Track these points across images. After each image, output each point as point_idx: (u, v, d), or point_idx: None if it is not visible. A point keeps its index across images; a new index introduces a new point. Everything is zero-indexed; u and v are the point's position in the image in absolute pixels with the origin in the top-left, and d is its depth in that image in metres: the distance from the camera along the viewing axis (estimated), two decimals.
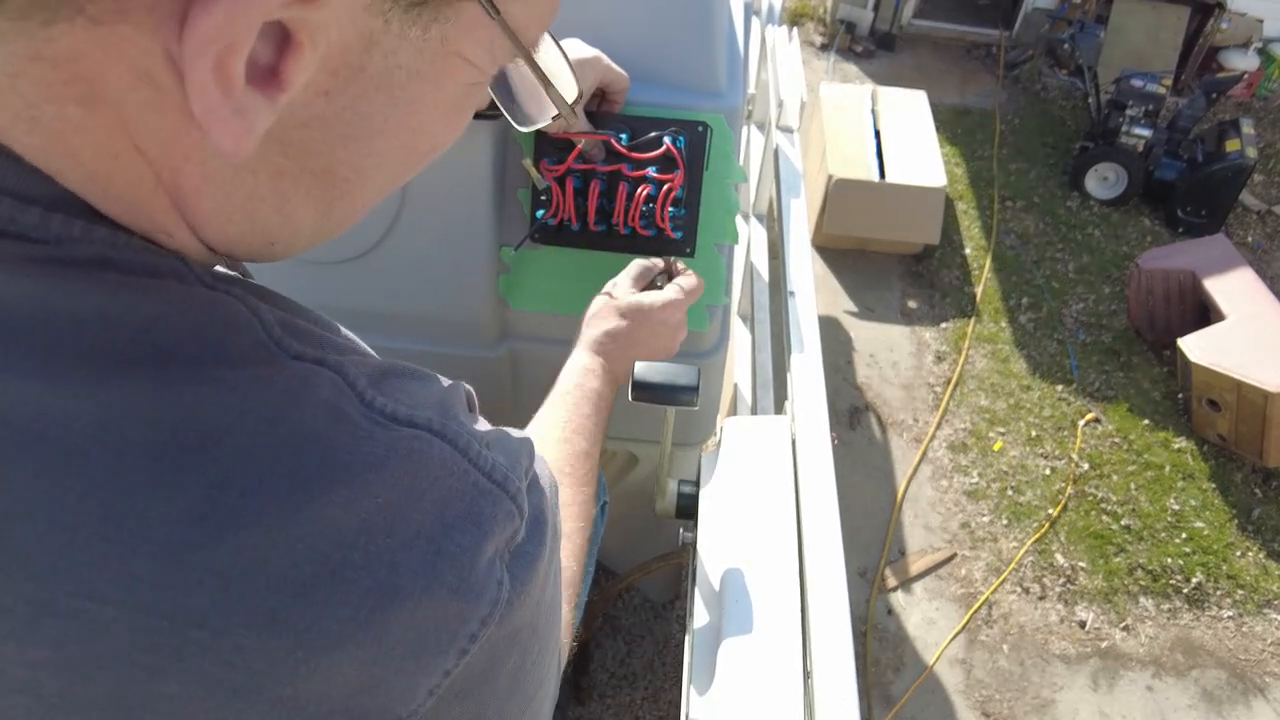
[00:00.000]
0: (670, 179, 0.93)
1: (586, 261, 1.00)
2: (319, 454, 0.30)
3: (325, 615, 0.29)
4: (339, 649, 0.30)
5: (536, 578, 0.36)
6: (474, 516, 0.33)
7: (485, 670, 0.35)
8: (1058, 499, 2.19)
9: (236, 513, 0.28)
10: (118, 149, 0.28)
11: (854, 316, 2.66)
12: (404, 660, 0.31)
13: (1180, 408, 2.41)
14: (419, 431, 0.33)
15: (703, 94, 0.98)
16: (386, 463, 0.31)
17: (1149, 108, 2.97)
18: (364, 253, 1.04)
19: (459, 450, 0.34)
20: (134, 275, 0.30)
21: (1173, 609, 2.00)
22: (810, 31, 4.04)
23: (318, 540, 0.29)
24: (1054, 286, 2.80)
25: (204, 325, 0.31)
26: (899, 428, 2.34)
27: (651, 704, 1.60)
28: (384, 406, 0.33)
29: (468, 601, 0.32)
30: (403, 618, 0.31)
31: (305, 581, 0.29)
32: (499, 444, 0.36)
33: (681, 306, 0.84)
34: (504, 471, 0.35)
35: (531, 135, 0.95)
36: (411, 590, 0.31)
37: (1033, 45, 3.81)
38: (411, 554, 0.31)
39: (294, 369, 0.32)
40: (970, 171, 3.26)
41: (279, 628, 0.29)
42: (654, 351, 0.84)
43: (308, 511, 0.29)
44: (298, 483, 0.29)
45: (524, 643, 0.37)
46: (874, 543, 2.05)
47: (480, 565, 0.33)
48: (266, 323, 0.32)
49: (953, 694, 1.81)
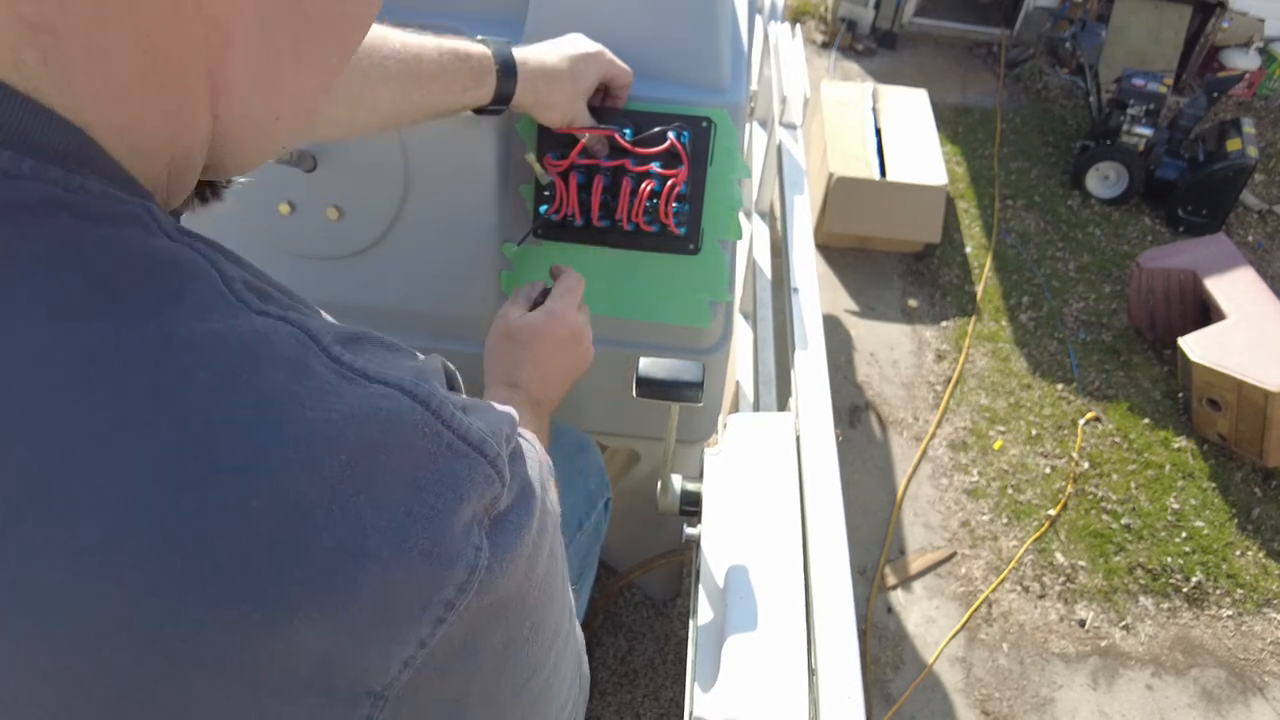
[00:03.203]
0: (674, 174, 0.93)
1: (590, 257, 1.00)
2: (279, 409, 0.29)
3: (286, 577, 0.28)
4: (301, 613, 0.28)
5: (523, 548, 0.34)
6: (448, 479, 0.32)
7: (467, 645, 0.33)
8: (1058, 498, 2.19)
9: (188, 473, 0.27)
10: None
11: (854, 315, 2.65)
12: (374, 628, 0.29)
13: (1180, 407, 2.41)
14: (389, 390, 0.31)
15: (706, 89, 0.98)
16: (352, 420, 0.30)
17: (1150, 107, 2.97)
18: (366, 248, 1.03)
19: (431, 411, 0.32)
20: (88, 221, 0.29)
21: (1172, 608, 2.00)
22: (812, 29, 4.03)
23: (276, 500, 0.28)
24: (1054, 285, 2.80)
25: (162, 276, 0.29)
26: (899, 426, 2.34)
27: (652, 701, 1.60)
28: (352, 363, 0.31)
29: (442, 566, 0.31)
30: (371, 582, 0.29)
31: (263, 542, 0.27)
32: (477, 411, 0.35)
33: (570, 305, 0.82)
34: (480, 435, 0.33)
35: (535, 131, 0.95)
36: (379, 553, 0.29)
37: (1034, 44, 3.80)
38: (379, 515, 0.29)
39: (255, 322, 0.30)
40: (971, 170, 3.26)
41: (236, 593, 0.27)
42: (567, 362, 0.82)
43: (266, 469, 0.28)
44: (256, 439, 0.28)
45: (512, 617, 0.35)
46: (874, 541, 2.05)
47: (455, 529, 0.31)
48: (228, 277, 0.31)
49: (952, 692, 1.81)
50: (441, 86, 0.79)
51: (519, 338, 0.80)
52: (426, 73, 0.77)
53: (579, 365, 0.85)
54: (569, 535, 0.98)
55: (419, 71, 0.77)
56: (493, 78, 0.82)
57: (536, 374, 0.80)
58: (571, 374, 0.84)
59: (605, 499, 1.08)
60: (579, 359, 0.84)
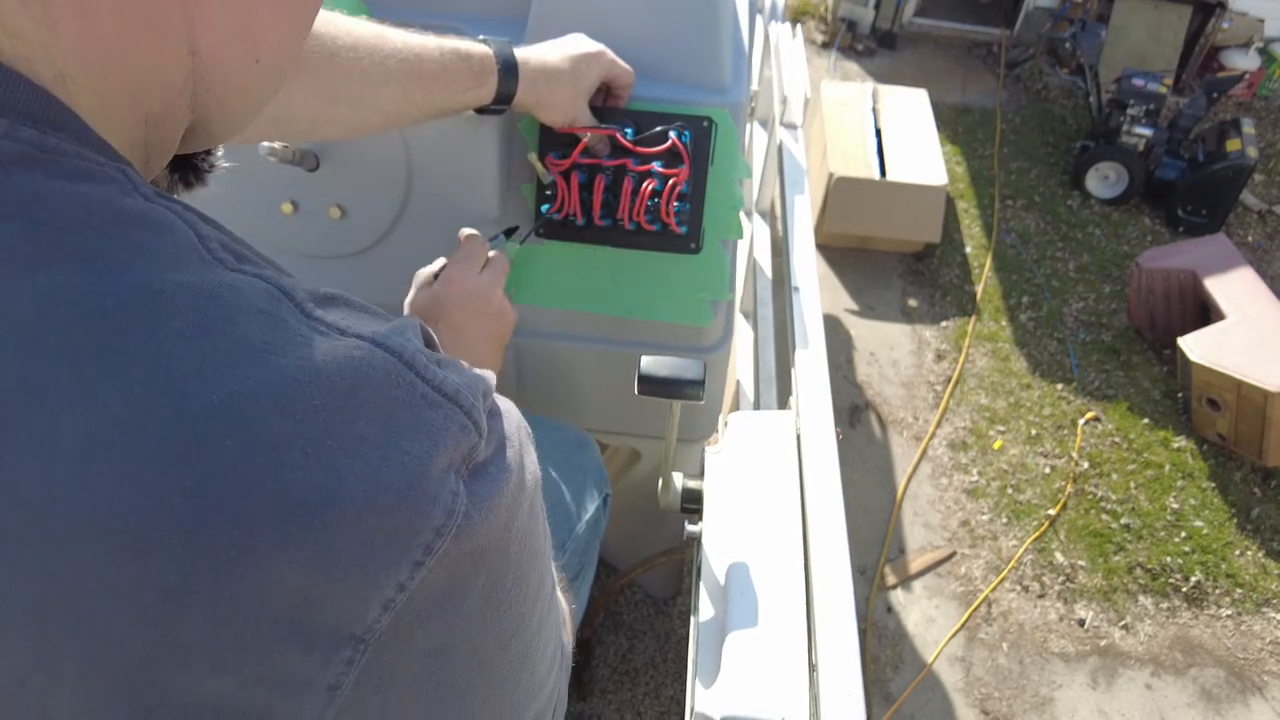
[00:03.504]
0: (675, 174, 0.93)
1: (591, 257, 1.00)
2: (252, 355, 0.29)
3: (261, 515, 0.28)
4: (277, 551, 0.28)
5: (501, 498, 0.35)
6: (423, 427, 0.32)
7: (448, 591, 0.33)
8: (1057, 498, 2.19)
9: (159, 411, 0.27)
10: None
11: (854, 314, 2.66)
12: (350, 569, 0.29)
13: (1180, 407, 2.41)
14: (362, 342, 0.32)
15: (707, 89, 0.98)
16: (325, 367, 0.30)
17: (1150, 107, 2.97)
18: (369, 247, 1.04)
19: (404, 362, 0.32)
20: (62, 178, 0.29)
21: (1171, 608, 2.01)
22: (812, 29, 4.04)
23: (249, 440, 0.28)
24: (1054, 285, 2.81)
25: (136, 232, 0.30)
26: (899, 426, 2.34)
27: (653, 699, 1.60)
28: (324, 318, 0.32)
29: (418, 510, 0.31)
30: (346, 523, 0.29)
31: (237, 480, 0.28)
32: (452, 366, 0.35)
33: (465, 270, 0.84)
34: (455, 386, 0.34)
35: (537, 130, 0.95)
36: (354, 494, 0.29)
37: (1034, 44, 3.81)
38: (353, 459, 0.29)
39: (229, 278, 0.31)
40: (971, 170, 3.26)
41: (210, 528, 0.27)
42: (482, 325, 0.83)
43: (238, 410, 0.28)
44: (229, 382, 0.28)
45: (493, 565, 0.35)
46: (874, 540, 2.06)
47: (431, 474, 0.31)
48: (204, 236, 0.32)
49: (952, 692, 1.82)
50: (442, 86, 0.80)
51: (425, 316, 0.81)
52: (427, 72, 0.78)
53: (498, 327, 0.85)
54: (568, 531, 0.99)
55: (420, 71, 0.77)
56: (494, 77, 0.82)
57: (456, 343, 0.81)
58: (494, 338, 0.85)
59: (604, 495, 1.08)
60: (495, 320, 0.84)
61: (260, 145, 0.88)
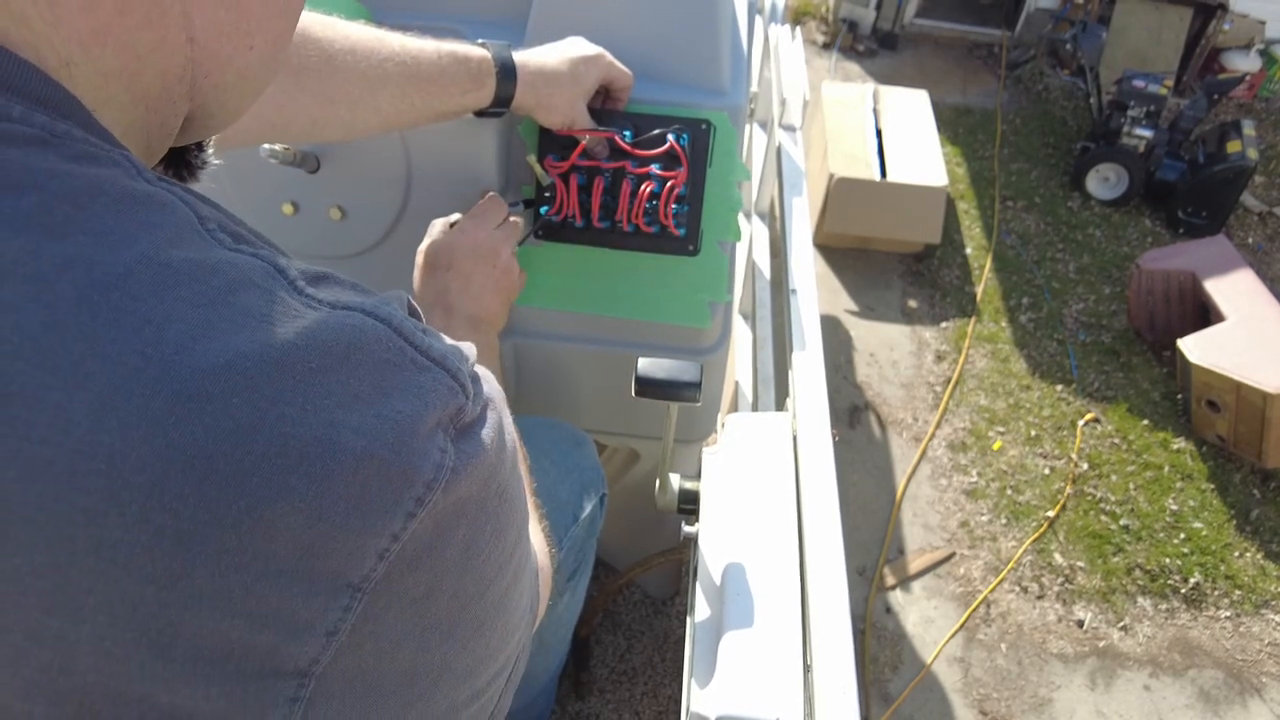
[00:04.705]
0: (674, 176, 0.94)
1: (590, 258, 1.01)
2: (252, 322, 0.31)
3: (265, 465, 0.30)
4: (282, 500, 0.30)
5: (485, 456, 0.37)
6: (414, 388, 0.34)
7: (433, 540, 0.35)
8: (1057, 499, 2.19)
9: (169, 369, 0.29)
10: None
11: (854, 315, 2.66)
12: (349, 519, 0.31)
13: (1180, 408, 2.41)
14: (353, 312, 0.34)
15: (706, 92, 0.99)
16: (321, 334, 0.32)
17: (1150, 108, 2.97)
18: (369, 248, 1.04)
19: (394, 330, 0.35)
20: (73, 160, 0.31)
21: (1170, 609, 2.01)
22: (812, 30, 4.04)
23: (253, 396, 0.30)
24: (1054, 286, 2.81)
25: (140, 210, 0.32)
26: (898, 426, 2.34)
27: (651, 699, 1.60)
28: (316, 294, 0.34)
29: (411, 464, 0.33)
30: (344, 474, 0.31)
31: (242, 431, 0.29)
32: (438, 336, 0.37)
33: (480, 224, 0.88)
34: (442, 352, 0.36)
35: (536, 133, 0.96)
36: (352, 448, 0.31)
37: (1035, 45, 3.81)
38: (350, 415, 0.32)
39: (228, 255, 0.33)
40: (971, 171, 3.26)
41: (219, 476, 0.29)
42: (489, 276, 0.87)
43: (243, 369, 0.30)
44: (233, 344, 0.30)
45: (472, 517, 0.37)
46: (873, 541, 2.06)
47: (422, 433, 0.33)
48: (203, 217, 0.34)
49: (950, 692, 1.82)
50: (440, 89, 0.80)
51: (436, 261, 0.86)
52: (425, 75, 0.78)
53: (505, 282, 0.90)
54: (564, 529, 0.99)
55: (418, 74, 0.78)
56: (492, 80, 0.83)
57: (464, 290, 0.85)
58: (501, 290, 0.89)
59: (601, 494, 1.08)
60: (502, 274, 0.89)
61: (261, 147, 0.89)
